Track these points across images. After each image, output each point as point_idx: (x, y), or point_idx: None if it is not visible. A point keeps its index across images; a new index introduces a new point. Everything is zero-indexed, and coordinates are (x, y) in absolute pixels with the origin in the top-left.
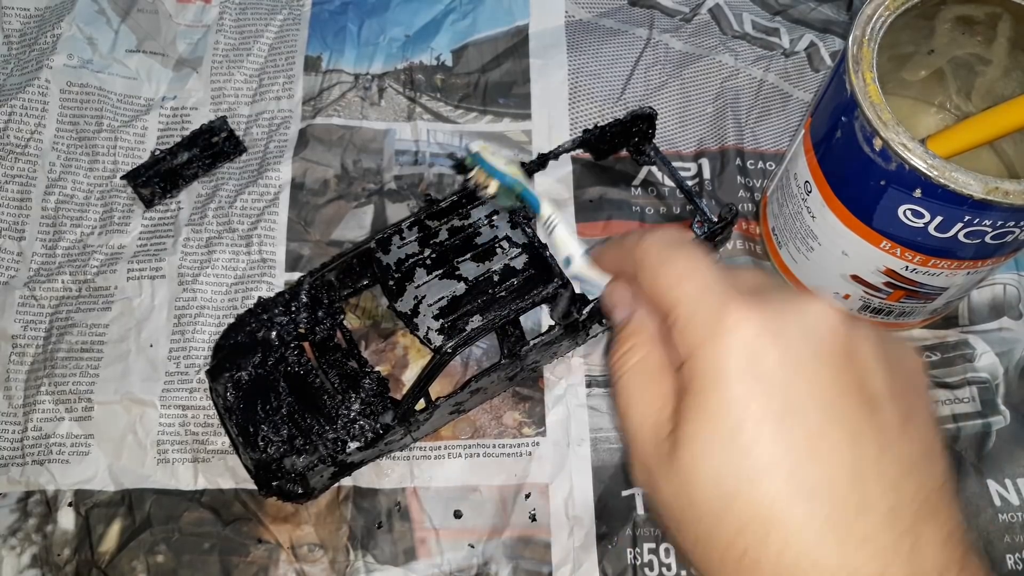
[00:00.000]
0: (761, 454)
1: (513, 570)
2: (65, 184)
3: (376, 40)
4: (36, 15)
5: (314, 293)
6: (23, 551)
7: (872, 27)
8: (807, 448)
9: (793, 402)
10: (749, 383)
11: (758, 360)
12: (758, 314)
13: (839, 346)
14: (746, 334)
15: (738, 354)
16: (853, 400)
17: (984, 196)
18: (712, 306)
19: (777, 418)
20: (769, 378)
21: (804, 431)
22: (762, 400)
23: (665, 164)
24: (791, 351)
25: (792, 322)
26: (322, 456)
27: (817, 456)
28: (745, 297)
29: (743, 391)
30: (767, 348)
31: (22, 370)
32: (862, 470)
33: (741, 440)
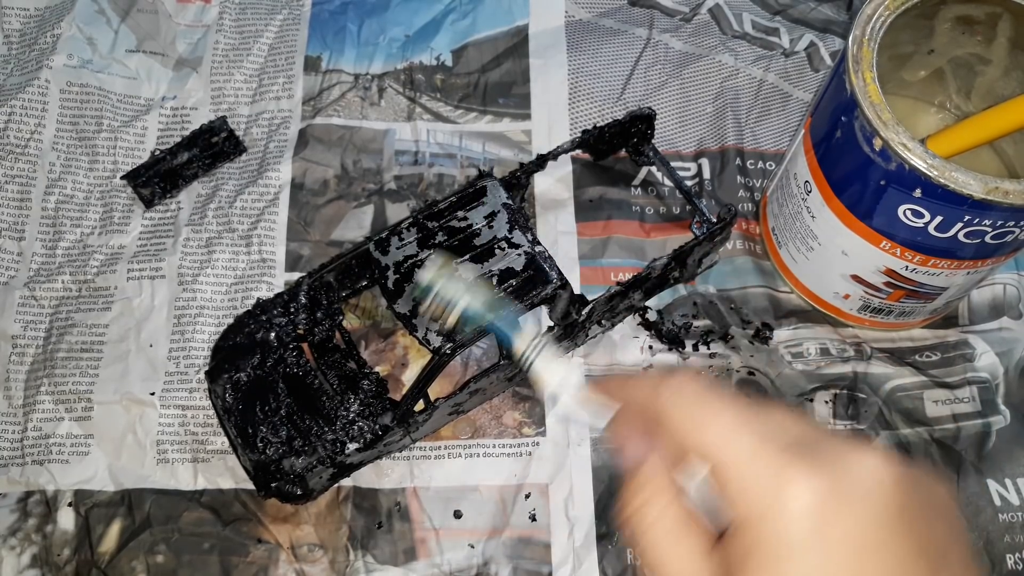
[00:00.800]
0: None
1: (513, 570)
2: (65, 184)
3: (376, 40)
4: (36, 15)
5: (313, 294)
6: (23, 551)
7: (872, 27)
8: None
9: (865, 573)
10: (818, 556)
11: (824, 531)
12: (815, 479)
13: (901, 504)
14: (808, 503)
15: (803, 525)
16: (923, 561)
17: (984, 196)
18: (770, 468)
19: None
20: (839, 548)
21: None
22: (836, 572)
23: (664, 164)
24: (856, 518)
25: (852, 483)
26: (321, 457)
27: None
28: (796, 457)
29: (813, 565)
30: (832, 517)
31: (22, 370)
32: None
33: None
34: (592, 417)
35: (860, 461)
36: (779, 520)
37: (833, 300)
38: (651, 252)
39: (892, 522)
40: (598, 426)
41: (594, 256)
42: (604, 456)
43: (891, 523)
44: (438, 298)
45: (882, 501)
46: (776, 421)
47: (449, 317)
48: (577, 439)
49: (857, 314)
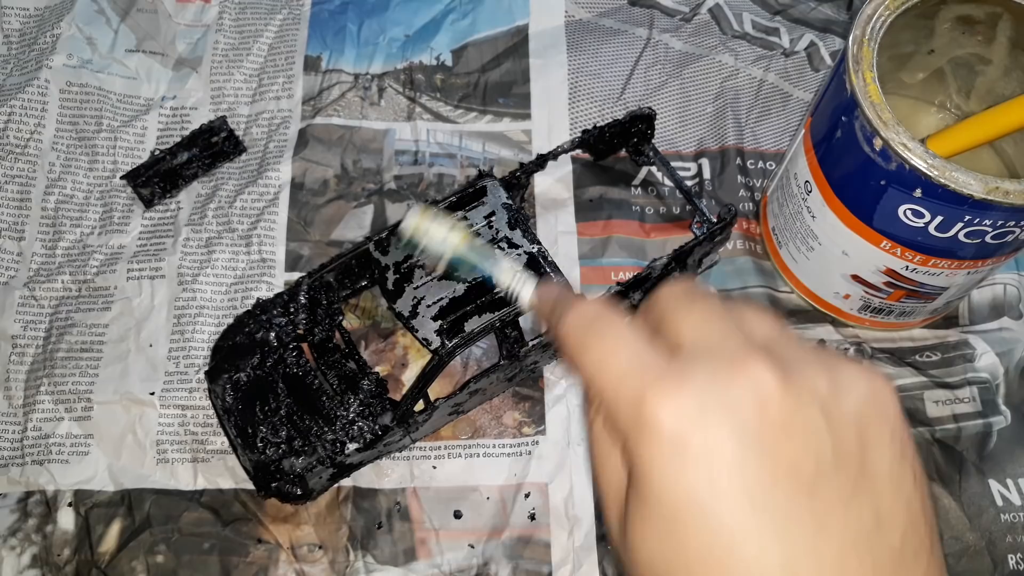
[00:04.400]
0: (692, 543)
1: (513, 570)
2: (65, 184)
3: (376, 40)
4: (36, 15)
5: (313, 294)
6: (23, 551)
7: (872, 27)
8: (738, 535)
9: (722, 488)
10: (674, 477)
11: (680, 450)
12: (679, 397)
13: (772, 420)
14: (666, 423)
15: (661, 449)
16: (784, 482)
17: (984, 196)
18: (631, 395)
19: (707, 506)
20: (698, 464)
21: (734, 518)
22: (693, 488)
23: (664, 164)
24: (721, 431)
25: (717, 401)
26: (321, 457)
27: (748, 543)
28: (669, 374)
29: (673, 480)
30: (689, 436)
31: (22, 370)
32: (795, 553)
33: (675, 531)
34: None
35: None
36: (640, 438)
37: (833, 300)
38: (651, 252)
39: (754, 439)
40: None
41: (594, 256)
42: None
43: (753, 440)
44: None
45: (754, 413)
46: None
47: (439, 265)
48: (577, 439)
49: (857, 314)
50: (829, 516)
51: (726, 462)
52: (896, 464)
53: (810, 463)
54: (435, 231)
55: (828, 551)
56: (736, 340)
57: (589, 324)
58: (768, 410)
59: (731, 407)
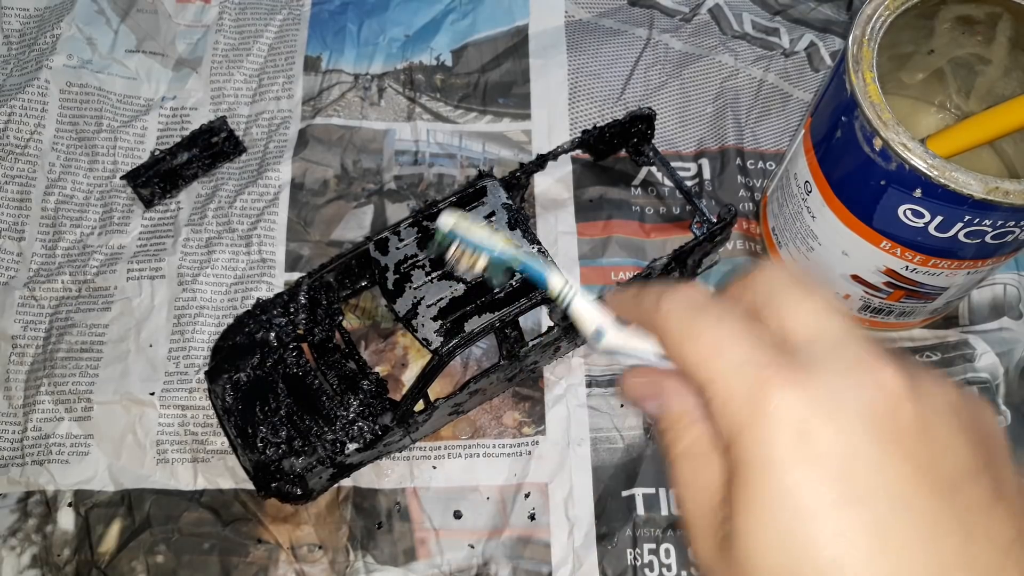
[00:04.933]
0: (824, 551)
1: (513, 570)
2: (65, 184)
3: (376, 40)
4: (36, 15)
5: (313, 294)
6: (23, 551)
7: (872, 27)
8: (875, 545)
9: (855, 492)
10: (803, 471)
11: (810, 444)
12: (806, 390)
13: (906, 422)
14: (794, 415)
15: (787, 439)
16: (927, 485)
17: (984, 196)
18: (751, 384)
19: (838, 511)
20: (825, 464)
21: (870, 525)
22: (820, 488)
23: (664, 164)
24: (849, 432)
25: (849, 397)
26: (321, 457)
27: (887, 553)
28: (791, 367)
29: (797, 480)
30: (820, 430)
31: (22, 370)
32: (944, 563)
33: (799, 535)
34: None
35: (867, 373)
36: (758, 432)
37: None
38: (651, 252)
39: (890, 439)
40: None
41: (594, 256)
42: (604, 456)
43: (889, 440)
44: (464, 243)
45: (884, 416)
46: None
47: (478, 261)
48: (577, 439)
49: (857, 314)
50: (975, 523)
51: (863, 460)
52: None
53: (949, 468)
54: (475, 232)
55: (981, 560)
56: (860, 339)
57: (696, 310)
58: (902, 413)
59: (864, 404)
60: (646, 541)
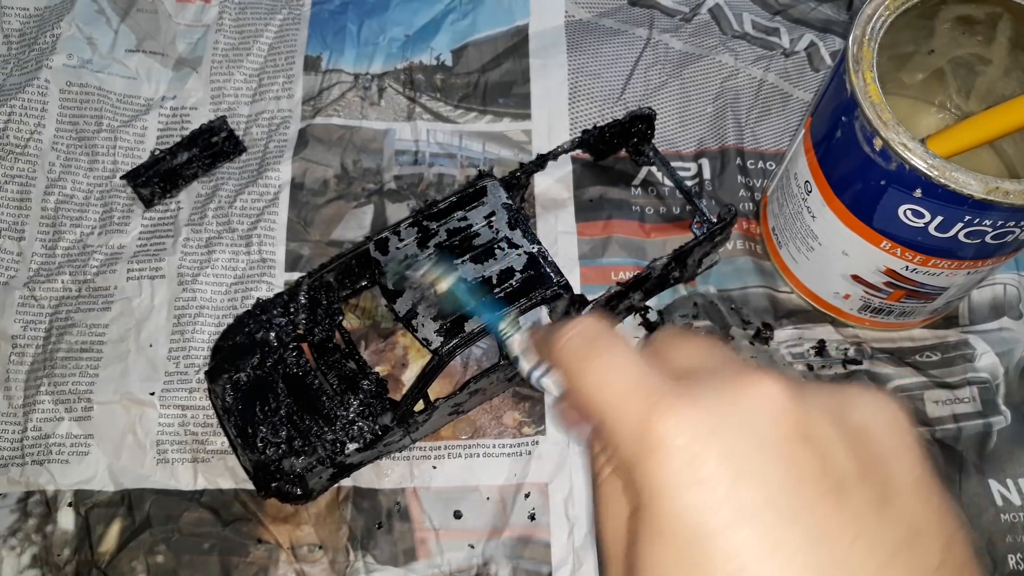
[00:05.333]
0: (718, 570)
1: (513, 570)
2: (65, 184)
3: (376, 40)
4: (36, 15)
5: (313, 294)
6: (23, 551)
7: (872, 27)
8: (767, 554)
9: (744, 509)
10: (694, 495)
11: (698, 468)
12: (689, 413)
13: (788, 431)
14: (679, 441)
15: (674, 464)
16: (812, 491)
17: (984, 196)
18: (637, 414)
19: (730, 530)
20: (714, 486)
21: (761, 540)
22: (710, 509)
23: (664, 164)
24: (733, 451)
25: (729, 413)
26: (321, 457)
27: (779, 560)
28: (674, 392)
29: (688, 504)
30: (705, 453)
31: (22, 370)
32: (831, 570)
33: (696, 559)
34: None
35: (748, 387)
36: (649, 462)
37: (833, 300)
38: (651, 252)
39: (772, 449)
40: None
41: (594, 256)
42: None
43: (771, 450)
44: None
45: (767, 426)
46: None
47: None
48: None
49: (857, 314)
50: (863, 526)
51: (748, 474)
52: (919, 477)
53: (834, 472)
54: None
55: (868, 563)
56: (739, 363)
57: (589, 341)
58: (782, 422)
59: (744, 420)
60: None
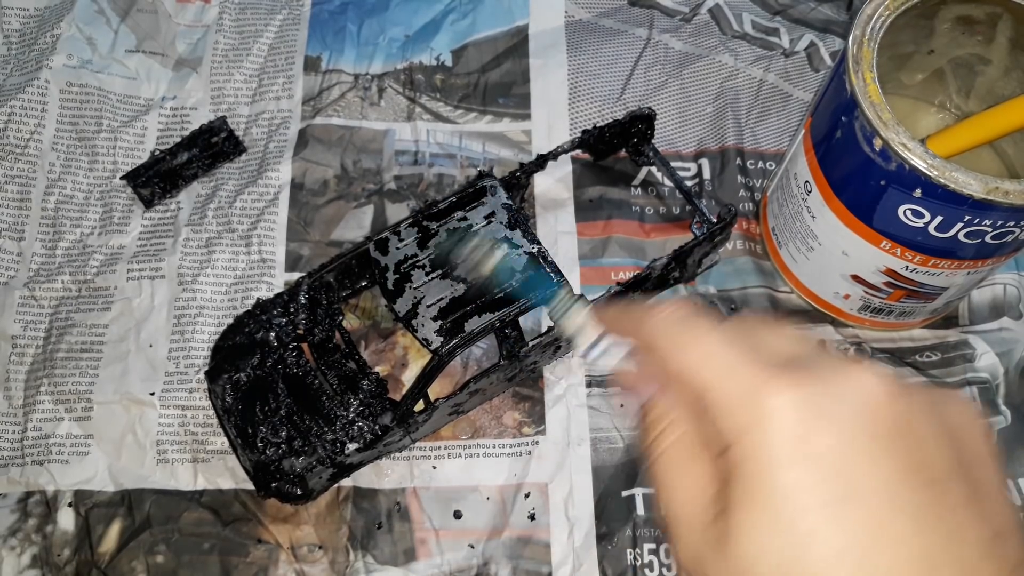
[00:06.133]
0: (822, 546)
1: (513, 570)
2: (65, 184)
3: (376, 40)
4: (36, 15)
5: (312, 294)
6: (23, 551)
7: (872, 27)
8: (870, 538)
9: (851, 488)
10: (802, 469)
11: (808, 443)
12: (800, 392)
13: (895, 422)
14: (791, 415)
15: (785, 438)
16: (916, 482)
17: (984, 196)
18: (748, 388)
19: (836, 506)
20: (822, 462)
21: (866, 520)
22: (819, 487)
23: (664, 165)
24: (843, 431)
25: (840, 398)
26: (320, 457)
27: (881, 547)
28: (782, 372)
29: (796, 478)
30: (816, 430)
31: (22, 370)
32: (932, 559)
33: (799, 531)
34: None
35: (850, 376)
36: (759, 434)
37: (833, 300)
38: (651, 252)
39: (880, 438)
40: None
41: (594, 256)
42: (604, 456)
43: (879, 439)
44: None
45: (871, 416)
46: (763, 339)
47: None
48: (577, 439)
49: (857, 314)
50: (959, 520)
51: (855, 458)
52: (1000, 481)
53: (933, 466)
54: None
55: (965, 554)
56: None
57: (686, 322)
58: (887, 414)
59: (852, 405)
60: (646, 541)
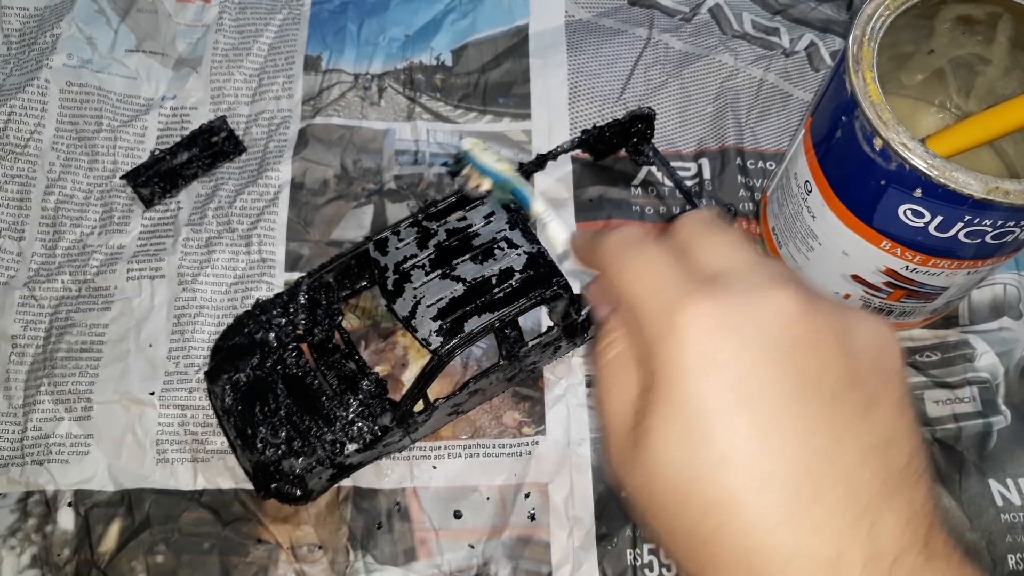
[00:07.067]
0: (717, 445)
1: (513, 570)
2: (65, 184)
3: (376, 40)
4: (36, 15)
5: (312, 295)
6: (23, 551)
7: (872, 27)
8: (761, 439)
9: (748, 394)
10: (706, 376)
11: (714, 353)
12: (714, 306)
13: (798, 337)
14: (700, 327)
15: (694, 348)
16: (810, 391)
17: (984, 196)
18: (668, 301)
19: (733, 410)
20: (725, 371)
21: (759, 422)
22: (718, 392)
23: (664, 164)
24: (747, 343)
25: (750, 313)
26: (320, 458)
27: (770, 446)
28: (703, 289)
29: (699, 385)
30: (722, 341)
31: (22, 370)
32: (816, 459)
33: (699, 432)
34: None
35: (766, 294)
36: (672, 344)
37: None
38: None
39: (782, 350)
40: None
41: None
42: (604, 456)
43: (781, 351)
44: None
45: (777, 331)
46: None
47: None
48: (577, 439)
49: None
50: (846, 428)
51: (756, 368)
52: (902, 396)
53: (829, 379)
54: (487, 157)
55: (845, 458)
56: (762, 269)
57: (629, 244)
58: (791, 330)
59: (758, 323)
60: (646, 541)
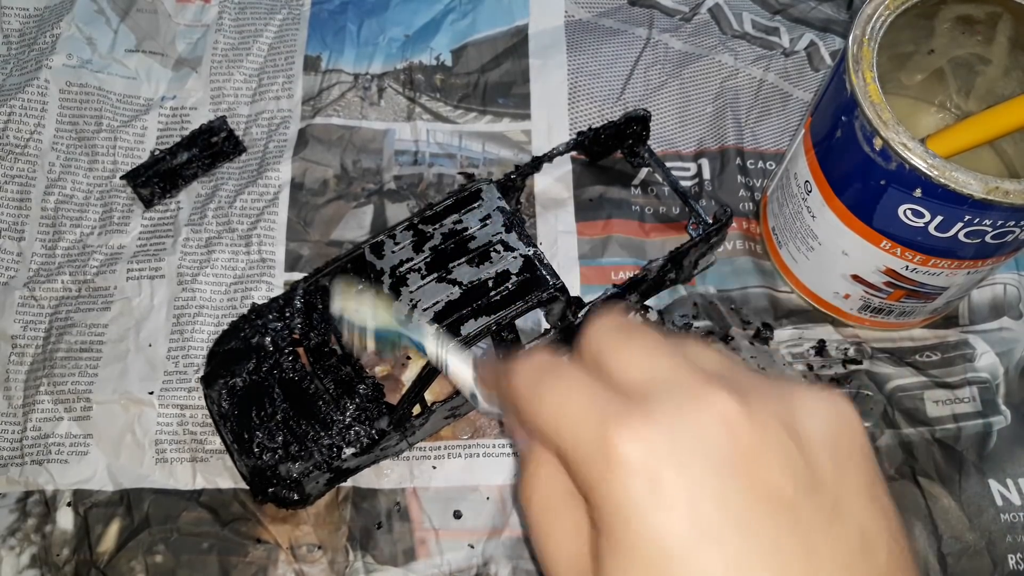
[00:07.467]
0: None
1: (513, 570)
2: (65, 184)
3: (376, 40)
4: (35, 15)
5: (308, 298)
6: (22, 551)
7: (872, 26)
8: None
9: (707, 526)
10: (657, 512)
11: (660, 489)
12: (648, 430)
13: (745, 444)
14: (639, 457)
15: (637, 482)
16: (771, 505)
17: (984, 196)
18: (597, 432)
19: (695, 547)
20: (677, 503)
21: (724, 560)
22: (676, 529)
23: (659, 166)
24: (693, 465)
25: (688, 430)
26: (317, 462)
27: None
28: (632, 410)
29: (653, 522)
30: (666, 469)
31: (21, 370)
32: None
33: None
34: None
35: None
36: (613, 483)
37: (833, 300)
38: (651, 252)
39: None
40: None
41: (594, 256)
42: None
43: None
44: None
45: (720, 449)
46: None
47: (367, 342)
48: None
49: (857, 314)
50: (817, 539)
51: (706, 494)
52: (871, 481)
53: (788, 486)
54: None
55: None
56: (688, 372)
57: (538, 374)
58: (737, 438)
59: (700, 438)
60: None
